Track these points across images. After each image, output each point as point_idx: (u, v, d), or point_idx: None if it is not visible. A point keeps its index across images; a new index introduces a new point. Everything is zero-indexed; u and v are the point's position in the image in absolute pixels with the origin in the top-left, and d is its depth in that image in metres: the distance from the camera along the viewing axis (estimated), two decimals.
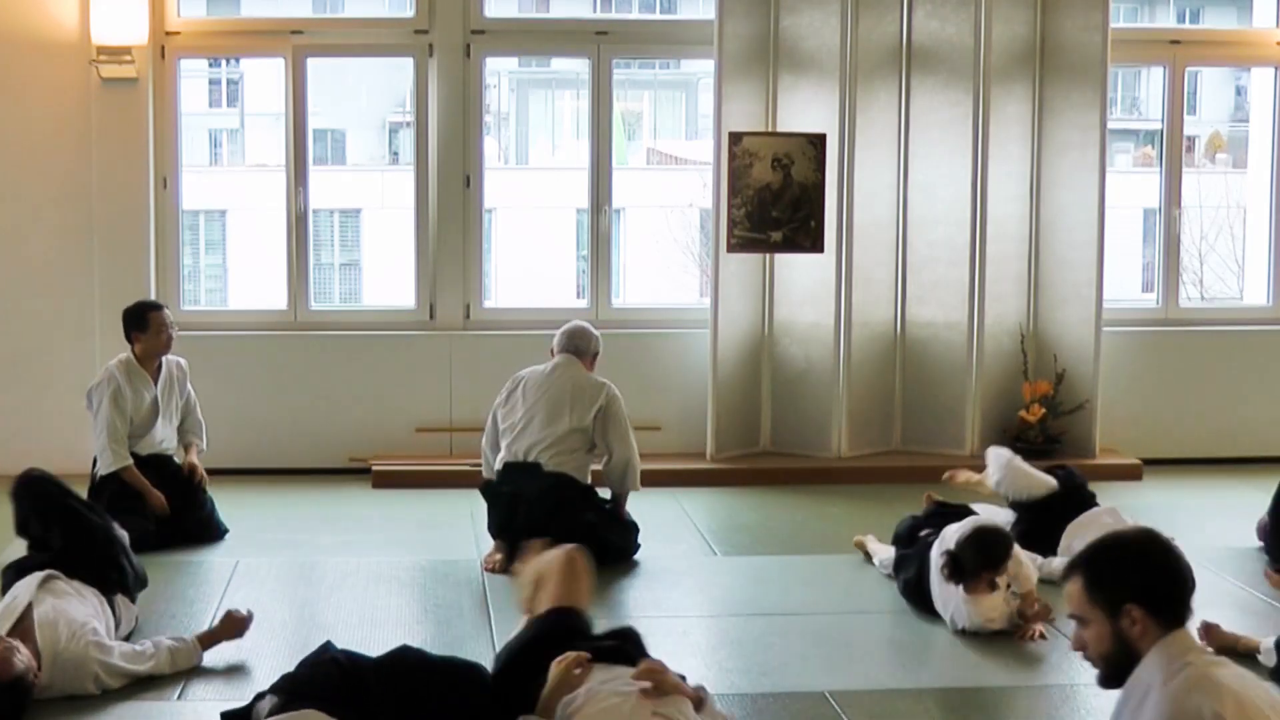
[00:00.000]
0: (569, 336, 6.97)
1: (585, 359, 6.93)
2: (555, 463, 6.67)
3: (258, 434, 8.53)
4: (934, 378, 8.75)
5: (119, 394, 6.95)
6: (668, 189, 14.74)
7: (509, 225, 15.64)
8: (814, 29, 8.48)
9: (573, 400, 6.73)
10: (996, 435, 8.70)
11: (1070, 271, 8.71)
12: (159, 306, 7.19)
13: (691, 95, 16.71)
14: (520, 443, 6.73)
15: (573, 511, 6.55)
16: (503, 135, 17.07)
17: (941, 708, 5.01)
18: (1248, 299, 9.75)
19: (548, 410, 6.72)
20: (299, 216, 8.69)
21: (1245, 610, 6.01)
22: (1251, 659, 5.20)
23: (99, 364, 8.36)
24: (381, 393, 8.59)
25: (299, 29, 8.66)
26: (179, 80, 8.61)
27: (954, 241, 8.67)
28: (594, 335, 7.04)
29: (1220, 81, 17.34)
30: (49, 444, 8.34)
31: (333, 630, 5.66)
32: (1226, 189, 14.56)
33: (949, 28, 8.59)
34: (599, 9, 11.53)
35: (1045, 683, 5.21)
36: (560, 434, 6.69)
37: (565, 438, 6.70)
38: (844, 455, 8.57)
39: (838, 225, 8.51)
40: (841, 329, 8.53)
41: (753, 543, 7.14)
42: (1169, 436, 8.98)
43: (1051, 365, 8.72)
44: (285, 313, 8.75)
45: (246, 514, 7.53)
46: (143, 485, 6.88)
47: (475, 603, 6.07)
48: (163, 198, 8.54)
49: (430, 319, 8.76)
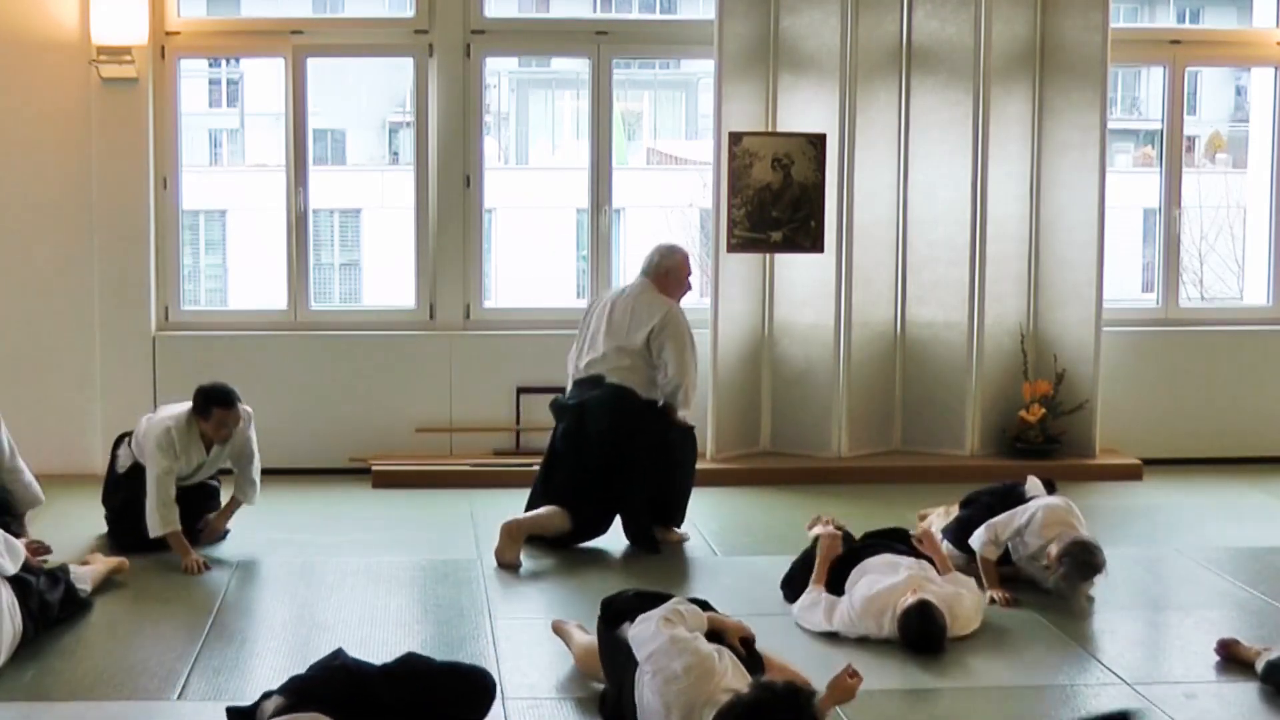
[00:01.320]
0: (645, 257, 7.20)
1: (652, 277, 7.09)
2: (616, 377, 6.93)
3: (258, 434, 8.51)
4: (934, 378, 8.75)
5: (173, 459, 6.66)
6: (668, 189, 14.73)
7: (509, 225, 15.64)
8: (814, 29, 8.48)
9: (632, 320, 6.96)
10: (997, 435, 8.72)
11: (1070, 271, 8.71)
12: (229, 403, 6.70)
13: (691, 95, 16.71)
14: (584, 359, 7.08)
15: (637, 417, 6.87)
16: (503, 135, 17.07)
17: (941, 708, 5.01)
18: (1248, 299, 9.74)
19: (609, 330, 7.00)
20: (299, 216, 8.69)
21: (1245, 610, 6.01)
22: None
23: (99, 364, 8.39)
24: (381, 393, 8.59)
25: (299, 29, 8.65)
26: (179, 80, 8.61)
27: (954, 241, 8.67)
28: (662, 251, 7.16)
29: (1220, 81, 17.34)
30: (49, 444, 8.35)
31: (333, 630, 5.67)
32: (1226, 189, 14.56)
33: (949, 28, 8.59)
34: (599, 9, 11.53)
35: (1045, 683, 5.21)
36: (618, 350, 6.95)
37: (623, 355, 6.94)
38: (844, 455, 8.57)
39: (838, 225, 8.51)
40: (841, 329, 8.53)
41: (753, 543, 7.14)
42: (1169, 436, 8.98)
43: (1051, 365, 8.72)
44: (285, 313, 8.75)
45: (247, 514, 7.52)
46: (183, 549, 6.57)
47: (475, 603, 6.07)
48: (163, 198, 8.54)
49: (430, 319, 8.76)
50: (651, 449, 6.92)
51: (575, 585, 6.32)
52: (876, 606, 5.51)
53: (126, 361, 8.41)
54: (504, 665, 5.30)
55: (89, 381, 8.42)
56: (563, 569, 6.62)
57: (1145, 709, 4.89)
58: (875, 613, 5.50)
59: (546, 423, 8.55)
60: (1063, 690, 5.14)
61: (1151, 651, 5.65)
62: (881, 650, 5.43)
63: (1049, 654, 5.51)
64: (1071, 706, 4.99)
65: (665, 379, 6.93)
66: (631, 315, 6.98)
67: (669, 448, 7.01)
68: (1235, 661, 5.28)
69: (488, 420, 8.63)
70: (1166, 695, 5.04)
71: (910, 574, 5.61)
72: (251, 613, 5.94)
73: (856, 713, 4.81)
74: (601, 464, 6.86)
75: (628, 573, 6.55)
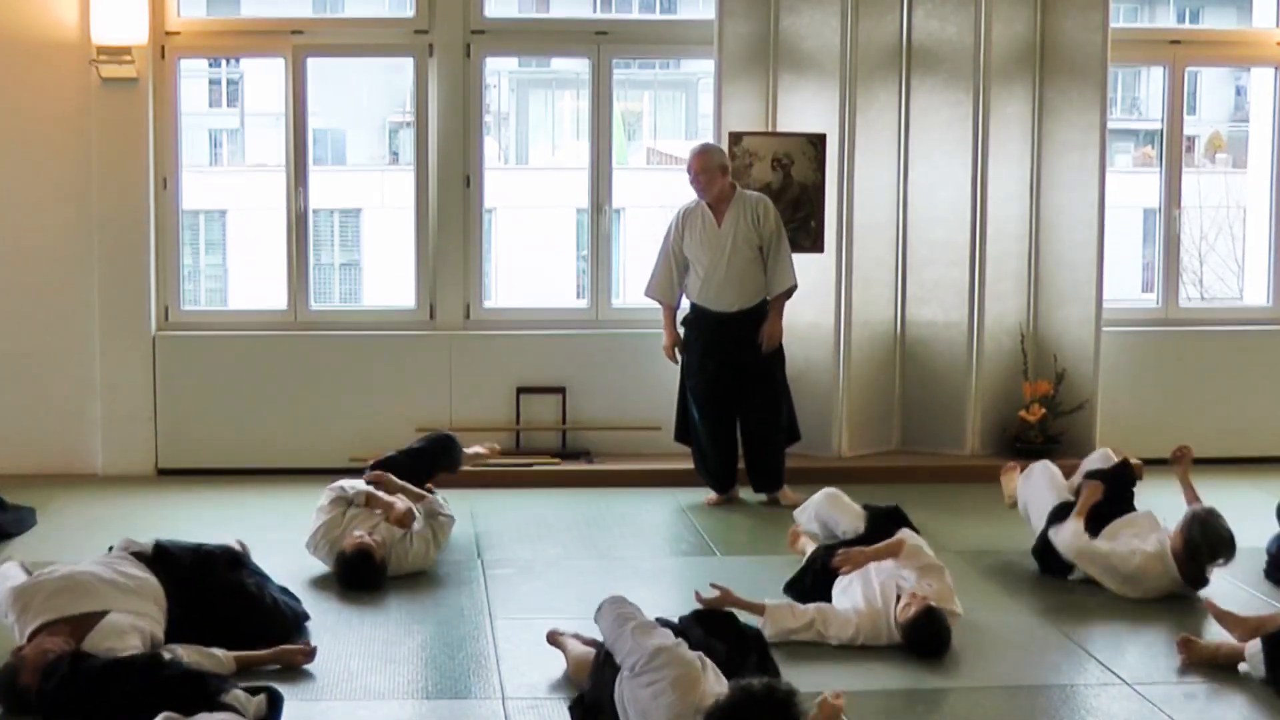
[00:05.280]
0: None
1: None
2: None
3: (258, 434, 8.53)
4: (934, 378, 8.75)
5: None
6: (668, 189, 14.71)
7: (509, 225, 15.64)
8: (814, 29, 8.48)
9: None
10: (997, 435, 8.72)
11: (1070, 271, 8.71)
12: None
13: (691, 95, 16.72)
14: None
15: None
16: (503, 135, 17.08)
17: (941, 708, 5.02)
18: (1248, 299, 9.74)
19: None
20: (299, 216, 8.69)
21: (1245, 610, 6.00)
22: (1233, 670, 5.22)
23: (99, 364, 8.39)
24: (381, 393, 8.59)
25: (299, 29, 8.65)
26: (179, 80, 8.61)
27: (954, 241, 8.67)
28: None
29: (1220, 81, 17.35)
30: (49, 444, 8.36)
31: (333, 630, 5.67)
32: (1226, 189, 14.57)
33: (949, 28, 8.59)
34: (599, 9, 11.55)
35: (1045, 683, 5.22)
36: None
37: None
38: (844, 455, 8.57)
39: (838, 225, 8.51)
40: (841, 329, 8.53)
41: (753, 543, 7.14)
42: (1169, 436, 8.88)
43: (1051, 365, 8.72)
44: (285, 313, 8.75)
45: (247, 514, 7.53)
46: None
47: (475, 603, 6.07)
48: (163, 198, 8.54)
49: (430, 319, 8.76)
50: None
51: (575, 586, 6.32)
52: (871, 619, 5.50)
53: (126, 361, 8.41)
54: (504, 665, 5.30)
55: (89, 381, 8.42)
56: (562, 569, 6.62)
57: (1145, 709, 4.90)
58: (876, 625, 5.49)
59: (546, 422, 8.59)
60: (1063, 690, 5.14)
61: (1151, 651, 5.65)
62: (882, 650, 5.43)
63: (1049, 654, 5.51)
64: (1071, 706, 4.99)
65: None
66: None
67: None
68: (1198, 660, 5.29)
69: (488, 420, 8.63)
70: (1166, 695, 5.05)
71: (883, 580, 5.60)
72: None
73: (858, 712, 4.81)
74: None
75: (628, 572, 6.55)
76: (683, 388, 7.92)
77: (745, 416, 7.82)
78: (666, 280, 7.83)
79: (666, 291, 7.85)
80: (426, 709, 4.96)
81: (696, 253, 7.71)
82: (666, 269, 7.83)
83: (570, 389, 8.67)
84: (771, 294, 7.73)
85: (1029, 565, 6.61)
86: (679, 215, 7.82)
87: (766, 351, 7.70)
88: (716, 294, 7.69)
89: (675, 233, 7.79)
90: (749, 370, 7.70)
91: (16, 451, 8.24)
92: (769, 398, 7.79)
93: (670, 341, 7.89)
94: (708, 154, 7.72)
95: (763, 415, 7.79)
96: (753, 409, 7.79)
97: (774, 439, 7.84)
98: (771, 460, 7.85)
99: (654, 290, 7.90)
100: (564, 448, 8.62)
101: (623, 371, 8.71)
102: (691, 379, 7.82)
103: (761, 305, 7.73)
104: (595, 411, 8.70)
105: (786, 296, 7.76)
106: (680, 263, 7.79)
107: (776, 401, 7.83)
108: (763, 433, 7.81)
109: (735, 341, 7.67)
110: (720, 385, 7.72)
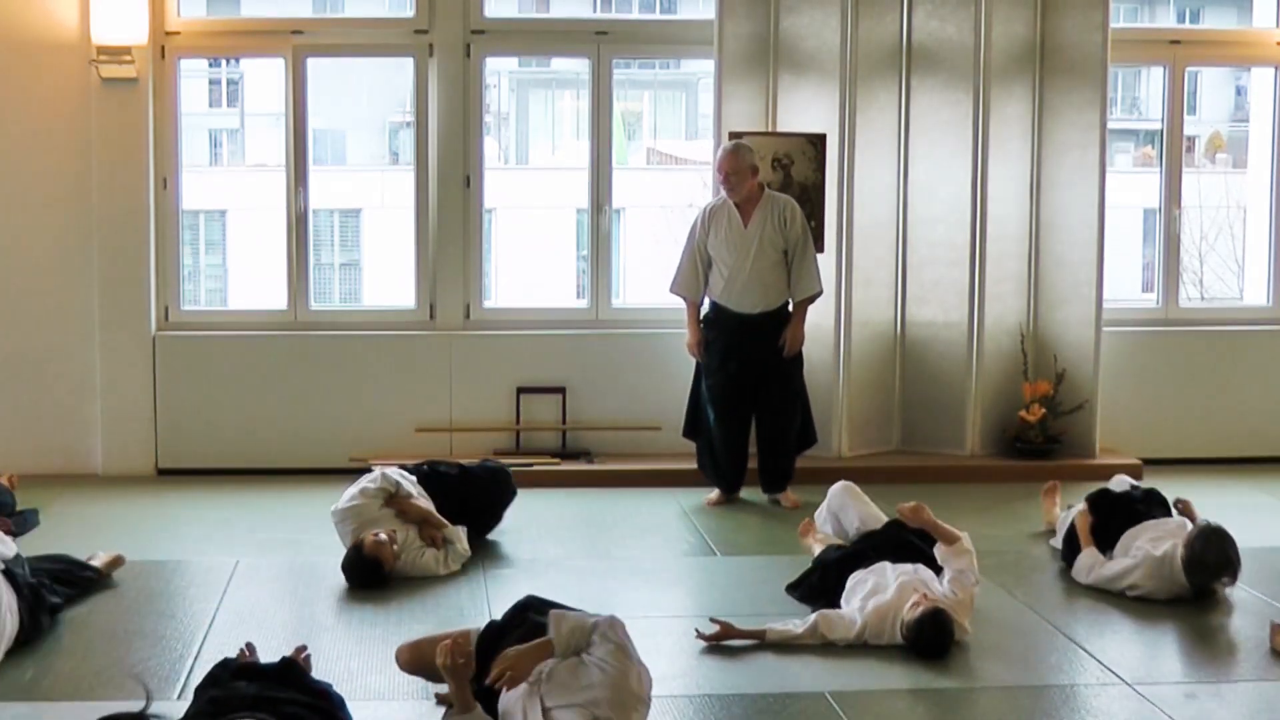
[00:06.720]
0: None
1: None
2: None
3: (258, 434, 8.53)
4: (934, 378, 8.75)
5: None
6: (668, 189, 14.74)
7: (509, 225, 15.63)
8: (814, 29, 8.48)
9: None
10: (997, 435, 8.72)
11: (1070, 271, 8.71)
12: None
13: (691, 95, 16.70)
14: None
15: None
16: (503, 135, 17.06)
17: (941, 708, 5.01)
18: (1248, 299, 9.74)
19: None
20: (299, 216, 8.69)
21: (1245, 610, 6.01)
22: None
23: (99, 364, 8.39)
24: (381, 393, 8.59)
25: (299, 29, 8.66)
26: (179, 80, 8.61)
27: (954, 241, 8.67)
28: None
29: (1220, 81, 17.34)
30: (49, 444, 8.36)
31: (332, 630, 5.68)
32: (1226, 189, 14.55)
33: (949, 28, 8.59)
34: (599, 9, 11.54)
35: (1045, 683, 5.21)
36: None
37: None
38: (844, 455, 8.57)
39: (838, 225, 8.51)
40: (841, 329, 8.53)
41: (753, 543, 7.14)
42: (1169, 436, 8.98)
43: (1051, 365, 8.72)
44: (285, 313, 8.75)
45: (247, 514, 7.53)
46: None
47: (475, 603, 6.07)
48: (163, 198, 8.54)
49: (430, 319, 8.76)
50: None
51: (575, 586, 6.31)
52: (879, 616, 5.49)
53: (126, 361, 8.41)
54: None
55: (89, 381, 8.42)
56: (562, 569, 6.62)
57: (1145, 709, 4.90)
58: (882, 623, 5.48)
59: (546, 423, 8.58)
60: (1063, 690, 5.14)
61: (1151, 651, 5.65)
62: (882, 650, 5.43)
63: (1049, 654, 5.51)
64: (1071, 706, 4.99)
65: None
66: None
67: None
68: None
69: (488, 420, 8.63)
70: (1166, 695, 5.04)
71: (903, 580, 5.59)
72: (251, 613, 5.93)
73: (858, 712, 4.81)
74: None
75: (629, 572, 6.55)
76: (696, 385, 7.91)
77: (761, 418, 7.80)
78: (692, 277, 7.79)
79: (692, 289, 7.80)
80: (426, 709, 4.96)
81: (721, 252, 7.69)
82: (692, 266, 7.78)
83: (570, 389, 8.67)
84: (796, 299, 7.71)
85: (1028, 565, 6.61)
86: (704, 212, 7.78)
87: (788, 356, 7.69)
88: (740, 295, 7.66)
89: (700, 230, 7.75)
90: (768, 373, 7.69)
91: (16, 451, 8.23)
92: (787, 401, 7.78)
93: (694, 339, 7.83)
94: (739, 155, 7.65)
95: (779, 418, 7.78)
96: (769, 411, 7.78)
97: (788, 442, 7.83)
98: (783, 462, 7.84)
99: (679, 287, 7.84)
100: (564, 448, 8.62)
101: (623, 371, 8.71)
102: (710, 379, 7.80)
103: (784, 308, 7.71)
104: (595, 411, 8.70)
105: (810, 301, 7.75)
106: (705, 260, 7.75)
107: (793, 405, 7.82)
108: (777, 435, 7.80)
109: (756, 343, 7.65)
110: (739, 386, 7.71)
